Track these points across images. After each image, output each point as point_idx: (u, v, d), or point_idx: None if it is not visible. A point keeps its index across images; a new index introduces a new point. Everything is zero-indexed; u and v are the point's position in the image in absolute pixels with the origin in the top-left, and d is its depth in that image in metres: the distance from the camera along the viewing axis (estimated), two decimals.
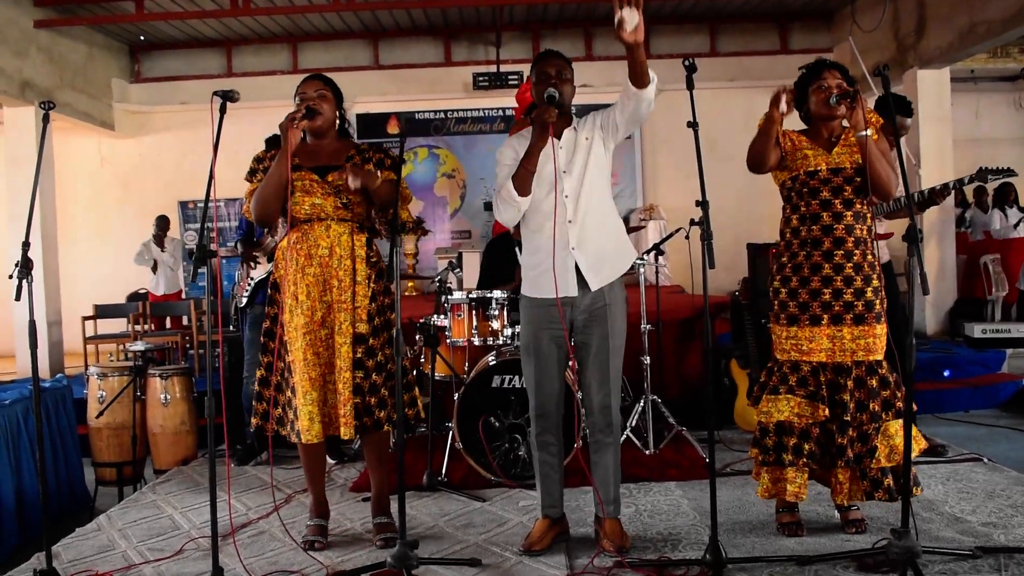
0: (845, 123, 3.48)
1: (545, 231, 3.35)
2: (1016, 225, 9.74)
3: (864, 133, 3.28)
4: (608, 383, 3.37)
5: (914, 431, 3.37)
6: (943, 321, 9.15)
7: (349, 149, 3.58)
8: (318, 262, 3.43)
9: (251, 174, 3.58)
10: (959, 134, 9.56)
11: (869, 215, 3.46)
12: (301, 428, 3.40)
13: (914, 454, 3.32)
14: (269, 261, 4.95)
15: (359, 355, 3.44)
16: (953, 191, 4.47)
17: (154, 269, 9.80)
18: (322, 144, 3.58)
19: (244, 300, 5.12)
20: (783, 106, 3.36)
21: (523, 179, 3.28)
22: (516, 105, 11.15)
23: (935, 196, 4.45)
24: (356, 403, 3.42)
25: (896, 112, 4.29)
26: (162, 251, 9.77)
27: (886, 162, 3.35)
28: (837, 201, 3.39)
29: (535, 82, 3.39)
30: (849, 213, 3.39)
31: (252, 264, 5.04)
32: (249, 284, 5.09)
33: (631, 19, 2.90)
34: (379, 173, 3.48)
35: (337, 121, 3.62)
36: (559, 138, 3.38)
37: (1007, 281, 9.43)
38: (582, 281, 3.34)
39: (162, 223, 9.91)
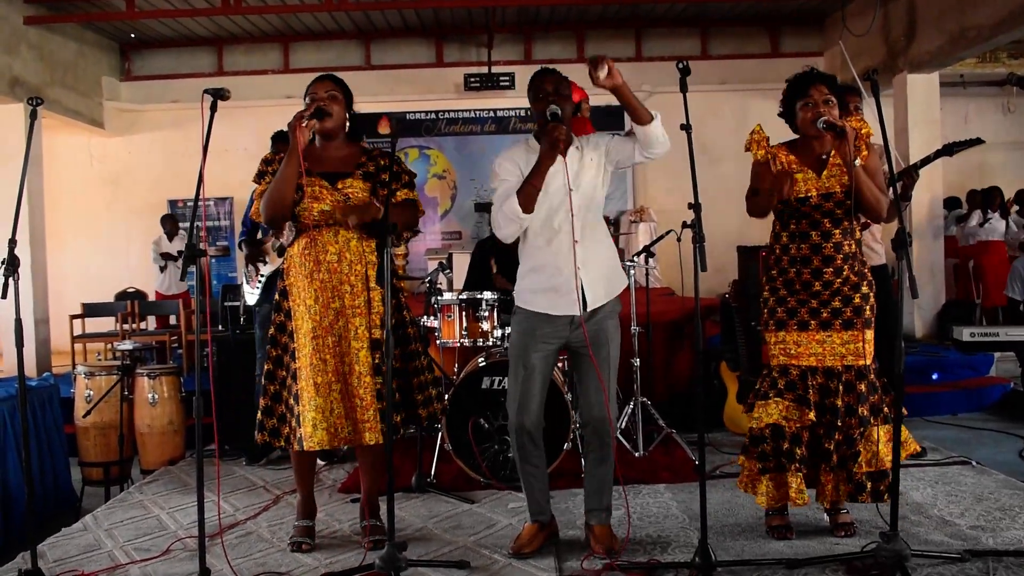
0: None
1: (552, 247, 3.33)
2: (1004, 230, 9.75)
3: (854, 164, 3.23)
4: (604, 395, 3.36)
5: (905, 434, 3.38)
6: (932, 324, 9.17)
7: (360, 155, 3.54)
8: (327, 268, 3.40)
9: (259, 176, 3.57)
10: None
11: (858, 227, 3.46)
12: (304, 434, 3.36)
13: (903, 458, 3.34)
14: (280, 255, 4.92)
15: (376, 361, 3.41)
16: (922, 167, 4.50)
17: (163, 269, 9.82)
18: (331, 148, 3.54)
19: (256, 297, 5.09)
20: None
21: (529, 196, 3.22)
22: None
23: (907, 180, 4.45)
24: (380, 408, 3.38)
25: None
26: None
27: (875, 184, 3.32)
28: (826, 220, 3.39)
29: (533, 100, 3.37)
30: (838, 231, 3.39)
31: (262, 262, 5.01)
32: (260, 280, 5.05)
33: (600, 71, 3.08)
34: (396, 190, 3.44)
35: (347, 124, 3.55)
36: (564, 155, 3.32)
37: (983, 286, 9.46)
38: (582, 299, 3.31)
39: (169, 222, 10.01)
